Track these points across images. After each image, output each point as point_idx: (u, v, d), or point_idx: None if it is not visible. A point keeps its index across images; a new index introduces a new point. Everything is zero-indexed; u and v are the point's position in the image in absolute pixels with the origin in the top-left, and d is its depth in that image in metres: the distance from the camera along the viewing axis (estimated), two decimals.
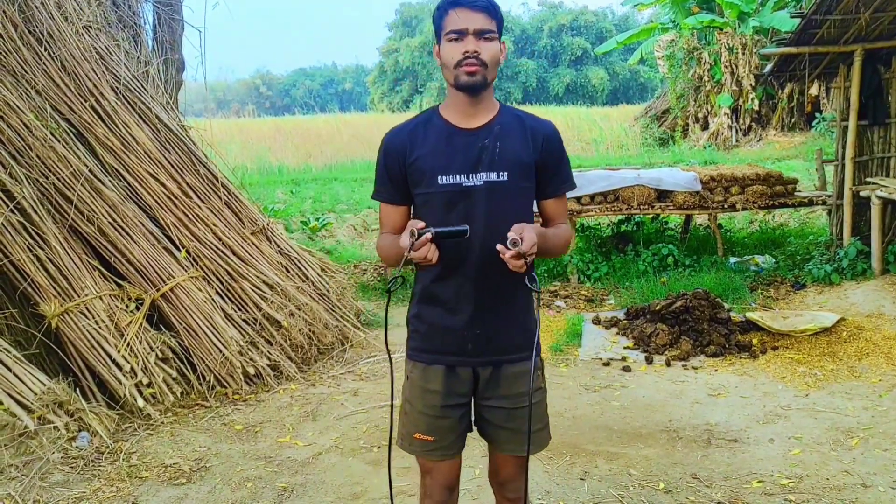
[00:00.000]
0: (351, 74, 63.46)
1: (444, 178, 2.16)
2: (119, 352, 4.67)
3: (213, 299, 5.27)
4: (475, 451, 3.95)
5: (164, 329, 5.07)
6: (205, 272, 5.41)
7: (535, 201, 2.30)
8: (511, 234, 1.98)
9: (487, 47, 2.11)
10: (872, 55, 7.15)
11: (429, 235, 1.98)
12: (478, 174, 2.16)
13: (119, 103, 5.58)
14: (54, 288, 4.76)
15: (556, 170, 2.28)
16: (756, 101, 18.74)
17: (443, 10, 2.13)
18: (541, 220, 2.38)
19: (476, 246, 2.15)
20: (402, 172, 2.22)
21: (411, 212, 2.30)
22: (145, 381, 4.66)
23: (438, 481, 2.39)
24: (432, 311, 2.27)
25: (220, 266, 5.49)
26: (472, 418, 2.39)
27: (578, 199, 7.98)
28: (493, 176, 2.16)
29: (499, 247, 1.99)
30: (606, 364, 5.45)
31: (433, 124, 2.22)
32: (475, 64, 2.10)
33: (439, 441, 2.32)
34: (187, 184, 5.65)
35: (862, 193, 7.09)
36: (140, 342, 4.78)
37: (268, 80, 63.52)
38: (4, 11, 5.27)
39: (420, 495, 2.44)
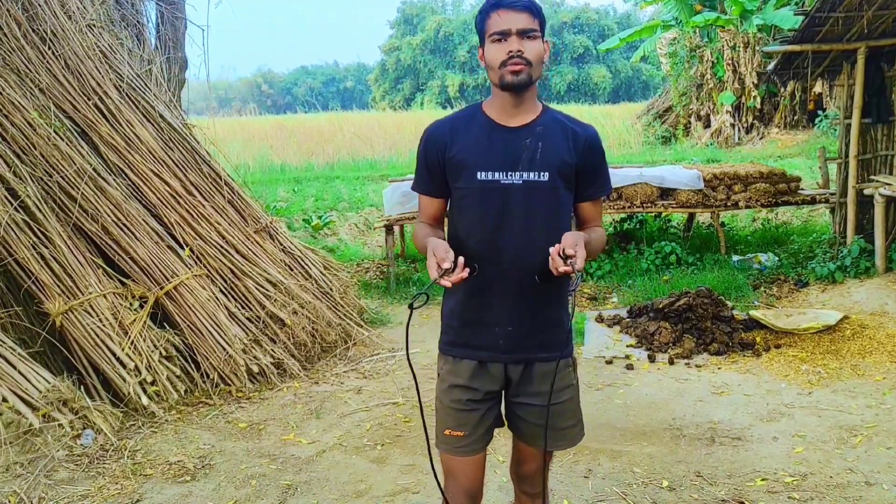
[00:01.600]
0: (353, 73, 63.46)
1: (483, 174, 2.18)
2: (123, 350, 4.67)
3: (216, 297, 5.27)
4: None
5: (167, 327, 5.08)
6: (208, 270, 5.42)
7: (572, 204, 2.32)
8: (568, 249, 1.99)
9: (531, 46, 2.12)
10: (876, 53, 7.13)
11: (464, 275, 1.99)
12: (517, 173, 2.17)
13: (122, 101, 5.59)
14: (58, 286, 4.76)
15: (595, 174, 2.31)
16: (758, 99, 18.72)
17: (485, 13, 2.15)
18: (576, 221, 2.40)
19: (511, 245, 2.18)
20: (441, 165, 2.24)
21: (448, 205, 2.33)
22: (149, 378, 4.67)
23: (462, 485, 2.36)
24: (467, 307, 2.27)
25: (224, 264, 5.49)
26: (503, 414, 2.39)
27: None
28: (532, 176, 2.18)
29: (556, 258, 2.00)
30: (609, 362, 5.45)
31: (476, 120, 2.24)
32: (520, 63, 2.11)
33: (469, 436, 2.30)
34: (191, 182, 5.65)
35: (865, 191, 7.08)
36: (144, 340, 4.79)
37: (269, 78, 63.52)
38: (8, 10, 5.27)
39: (445, 491, 2.40)
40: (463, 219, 2.23)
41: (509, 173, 2.17)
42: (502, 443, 3.64)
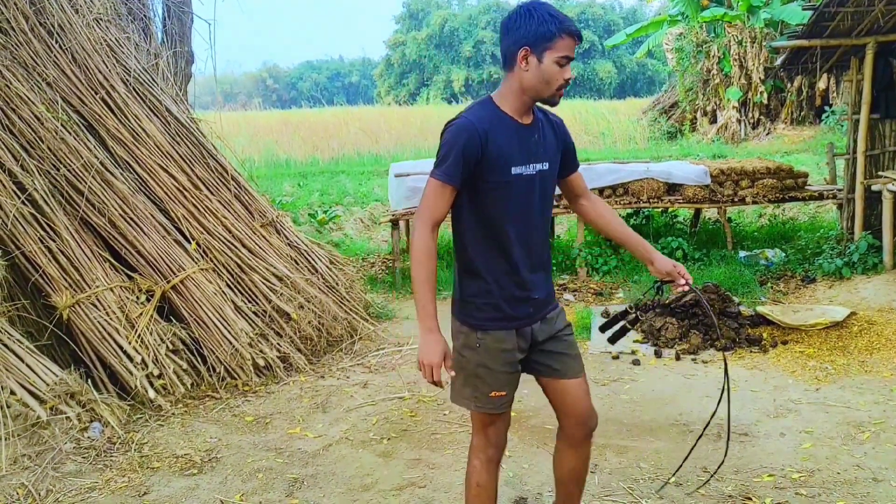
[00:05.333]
0: (358, 67, 63.37)
1: (515, 168, 2.43)
2: (130, 343, 4.68)
3: (223, 291, 5.28)
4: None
5: (174, 321, 5.09)
6: (215, 264, 5.42)
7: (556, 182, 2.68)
8: (683, 277, 2.75)
9: None
10: (885, 48, 7.10)
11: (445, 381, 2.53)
12: (532, 164, 2.48)
13: (129, 95, 5.59)
14: (66, 279, 4.78)
15: (573, 151, 2.71)
16: (765, 95, 18.66)
17: (557, 30, 2.34)
18: (570, 195, 2.80)
19: (534, 226, 2.53)
20: (478, 160, 2.38)
21: (465, 197, 2.46)
22: (156, 372, 4.68)
23: (501, 429, 2.68)
24: (503, 287, 2.51)
25: (230, 258, 5.50)
26: (536, 377, 2.72)
27: None
28: (540, 166, 2.50)
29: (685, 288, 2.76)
30: (616, 358, 5.45)
31: (501, 118, 2.44)
32: (565, 87, 2.43)
33: (509, 394, 2.61)
34: (197, 176, 5.66)
35: (873, 187, 7.05)
36: (151, 334, 4.80)
37: (274, 73, 63.46)
38: (16, 4, 5.28)
39: (477, 450, 2.67)
40: (495, 208, 2.45)
41: (529, 165, 2.47)
42: (514, 442, 3.65)
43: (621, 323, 2.89)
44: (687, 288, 2.65)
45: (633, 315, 2.88)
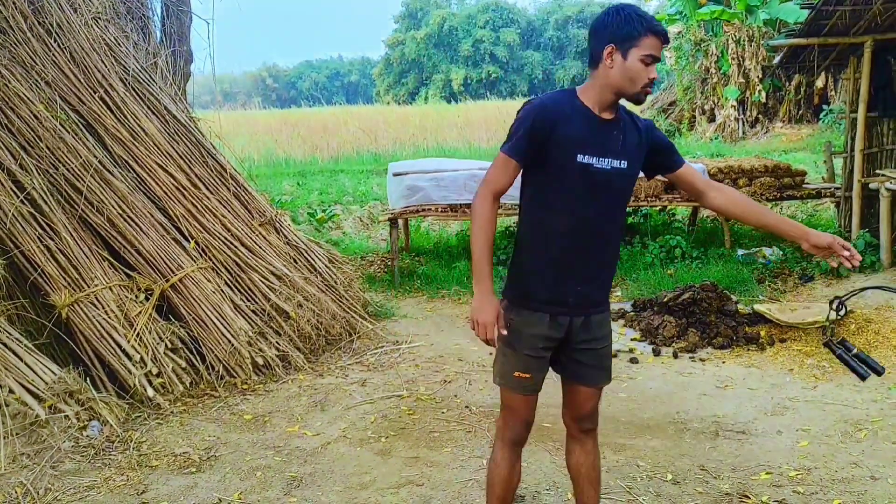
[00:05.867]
0: (357, 67, 63.35)
1: (582, 156, 2.45)
2: (129, 342, 4.69)
3: (221, 290, 5.28)
4: (482, 440, 3.97)
5: (173, 319, 5.09)
6: (214, 263, 5.43)
7: (654, 178, 2.78)
8: (846, 248, 2.50)
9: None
10: (883, 46, 7.11)
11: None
12: (606, 159, 2.47)
13: (128, 94, 5.59)
14: (64, 278, 4.78)
15: (669, 147, 2.68)
16: (763, 94, 18.66)
17: (644, 29, 2.39)
18: (687, 189, 2.76)
19: (596, 219, 2.51)
20: (545, 139, 2.45)
21: (531, 175, 2.55)
22: (155, 370, 4.69)
23: (520, 416, 2.71)
24: (549, 271, 2.56)
25: (229, 257, 5.50)
26: (562, 367, 2.73)
27: None
28: (616, 163, 2.49)
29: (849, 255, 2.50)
30: (614, 356, 5.44)
31: (578, 107, 2.49)
32: (651, 86, 2.45)
33: (533, 377, 2.63)
34: (196, 175, 5.66)
35: (871, 186, 7.06)
36: (149, 332, 4.80)
37: (274, 72, 63.42)
38: (14, 3, 5.28)
39: (499, 428, 2.77)
40: (555, 193, 2.50)
41: (600, 158, 2.46)
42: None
43: (846, 357, 2.82)
44: (856, 261, 2.47)
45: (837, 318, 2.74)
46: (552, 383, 2.73)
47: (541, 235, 2.56)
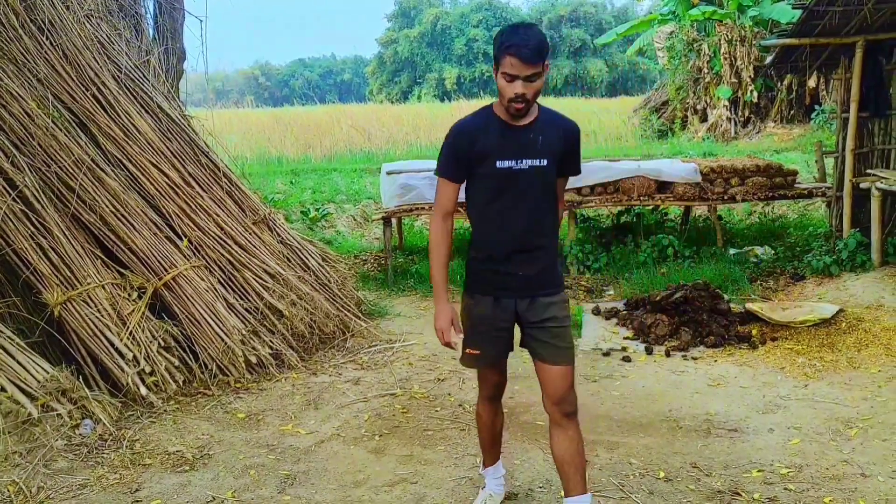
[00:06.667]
0: (350, 65, 63.28)
1: (501, 162, 2.82)
2: (122, 340, 4.68)
3: (215, 288, 5.28)
4: (476, 439, 3.98)
5: (166, 318, 5.08)
6: (207, 261, 5.42)
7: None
8: None
9: (533, 87, 2.70)
10: (874, 47, 7.14)
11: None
12: (525, 160, 2.82)
13: (120, 92, 5.58)
14: (57, 276, 4.76)
15: (572, 157, 2.97)
16: (755, 93, 18.70)
17: (504, 48, 2.66)
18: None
19: (522, 214, 2.86)
20: (466, 156, 2.86)
21: (468, 183, 2.94)
22: (148, 369, 4.68)
23: (488, 381, 3.17)
24: (489, 262, 2.94)
25: (222, 255, 5.49)
26: (520, 342, 3.05)
27: (578, 190, 7.98)
28: (535, 162, 2.83)
29: None
30: (606, 354, 5.48)
31: (492, 121, 2.86)
32: (521, 102, 2.71)
33: (484, 353, 3.02)
34: (189, 173, 5.65)
35: (862, 185, 7.09)
36: (142, 331, 4.79)
37: (267, 70, 63.28)
38: (6, 0, 5.25)
39: (479, 390, 3.25)
40: (485, 197, 2.89)
41: (520, 161, 2.82)
42: (504, 438, 3.66)
43: None
44: None
45: None
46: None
47: (480, 231, 2.97)
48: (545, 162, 2.83)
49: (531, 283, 2.92)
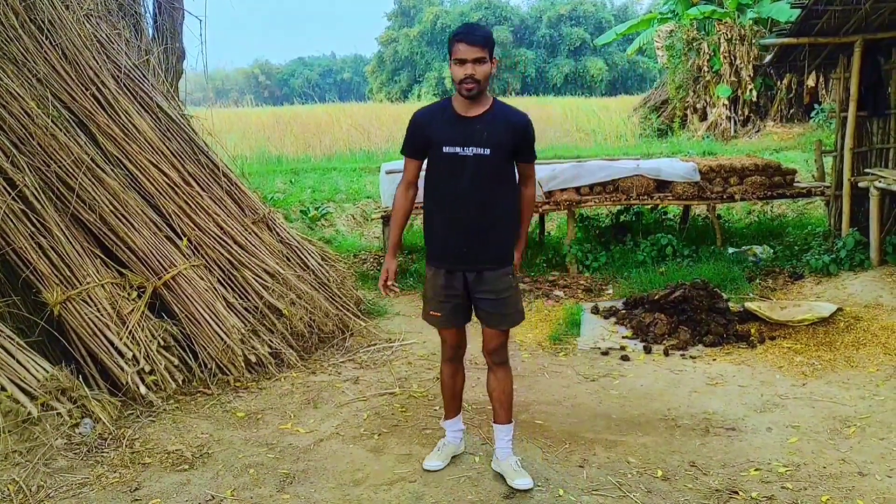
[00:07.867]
0: (350, 64, 63.21)
1: (447, 147, 3.30)
2: (121, 339, 4.69)
3: (214, 287, 5.28)
4: (475, 437, 3.99)
5: (165, 317, 5.09)
6: (206, 260, 5.43)
7: (514, 166, 3.43)
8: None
9: (481, 69, 3.20)
10: (873, 46, 7.15)
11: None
12: (470, 148, 3.28)
13: (120, 92, 5.58)
14: (56, 276, 4.77)
15: (526, 148, 3.41)
16: (755, 92, 18.70)
17: (453, 40, 3.23)
18: (519, 175, 3.48)
19: (466, 196, 3.31)
20: (420, 140, 3.41)
21: (426, 169, 3.48)
22: (147, 368, 4.68)
23: (448, 343, 3.64)
24: (439, 237, 3.45)
25: (222, 254, 5.50)
26: (473, 311, 3.57)
27: (577, 190, 7.99)
28: (479, 150, 3.28)
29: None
30: (605, 353, 5.49)
31: (446, 112, 3.37)
32: (472, 83, 3.21)
33: (443, 316, 3.53)
34: (188, 172, 5.65)
35: (860, 184, 7.10)
36: (142, 330, 4.80)
37: (267, 69, 63.23)
38: (6, 0, 5.25)
39: (441, 351, 3.73)
40: (436, 177, 3.40)
41: (465, 148, 3.28)
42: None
43: None
44: None
45: None
46: (544, 383, 2.75)
47: (432, 209, 3.45)
48: (488, 152, 3.26)
49: (478, 258, 3.37)
